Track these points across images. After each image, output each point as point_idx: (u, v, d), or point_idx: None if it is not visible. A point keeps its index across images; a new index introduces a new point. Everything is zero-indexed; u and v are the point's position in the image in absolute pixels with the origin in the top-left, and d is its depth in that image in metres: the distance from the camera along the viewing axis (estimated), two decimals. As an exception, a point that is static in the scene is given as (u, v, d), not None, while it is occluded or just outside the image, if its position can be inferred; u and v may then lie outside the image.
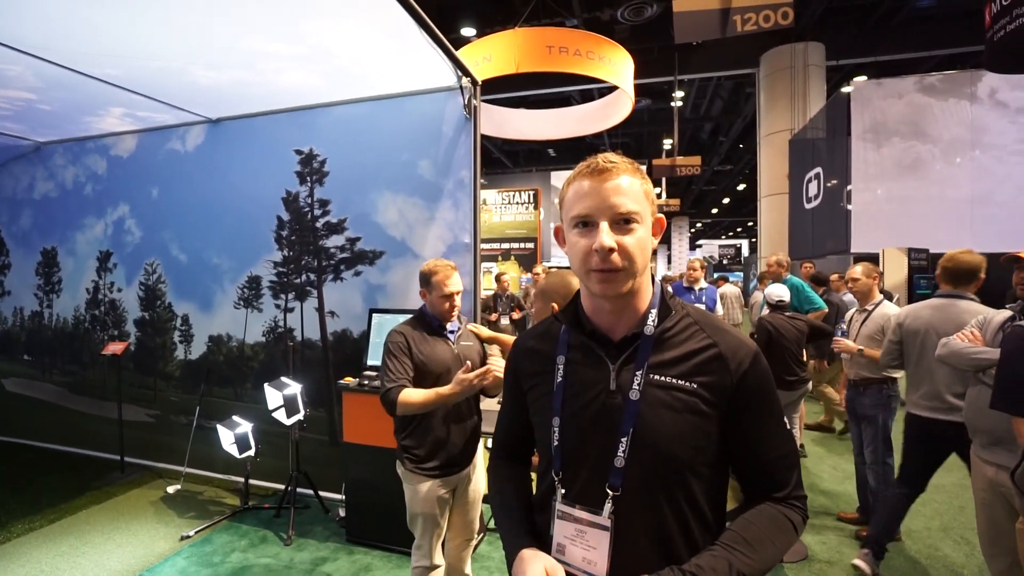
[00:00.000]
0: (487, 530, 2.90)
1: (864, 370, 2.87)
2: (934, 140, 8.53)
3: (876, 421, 2.82)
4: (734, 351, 0.80)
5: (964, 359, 1.97)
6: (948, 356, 2.05)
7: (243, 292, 3.56)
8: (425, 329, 1.94)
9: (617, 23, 9.77)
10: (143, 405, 3.93)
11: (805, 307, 4.22)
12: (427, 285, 1.93)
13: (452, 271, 1.92)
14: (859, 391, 2.91)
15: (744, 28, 5.32)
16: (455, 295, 1.91)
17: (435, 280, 1.89)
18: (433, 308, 1.94)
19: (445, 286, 1.88)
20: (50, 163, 4.22)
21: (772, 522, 0.78)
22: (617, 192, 0.77)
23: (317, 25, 2.38)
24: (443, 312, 1.92)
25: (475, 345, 2.05)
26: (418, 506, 1.88)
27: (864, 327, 2.92)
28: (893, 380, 2.85)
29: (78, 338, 4.19)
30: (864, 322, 2.94)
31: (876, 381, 2.84)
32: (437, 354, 1.90)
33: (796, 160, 10.71)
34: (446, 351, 1.93)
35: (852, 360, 2.93)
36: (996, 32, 4.31)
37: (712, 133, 17.01)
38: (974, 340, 2.02)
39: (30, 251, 4.34)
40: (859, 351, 2.82)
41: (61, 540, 2.85)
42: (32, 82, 2.94)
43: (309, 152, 3.35)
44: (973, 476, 2.04)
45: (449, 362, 1.91)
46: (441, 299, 1.90)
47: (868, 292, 2.98)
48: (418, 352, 1.87)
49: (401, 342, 1.87)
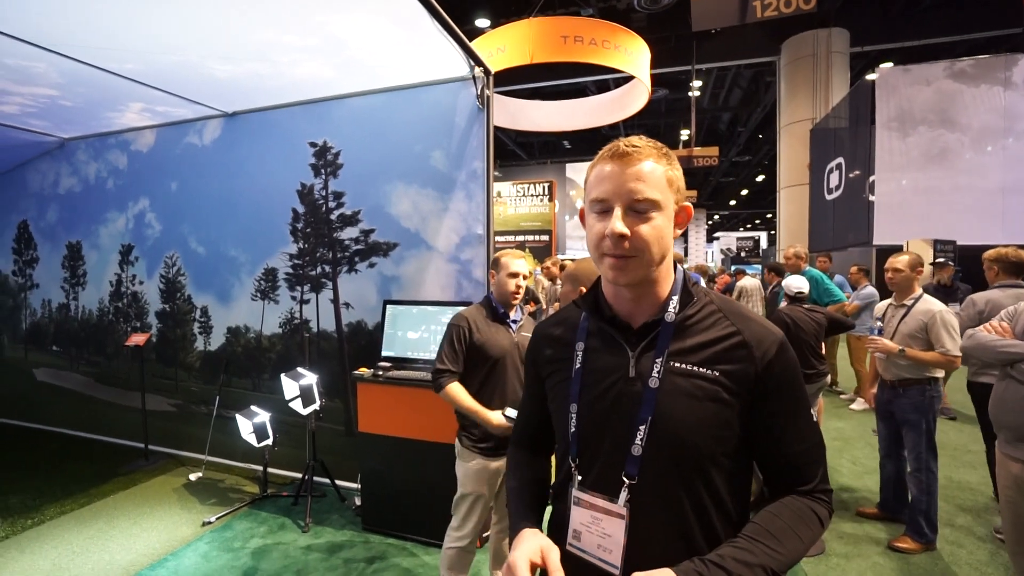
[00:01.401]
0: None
1: (905, 371, 2.64)
2: (963, 128, 8.23)
3: (919, 426, 2.61)
4: (759, 339, 0.77)
5: (992, 352, 1.90)
6: (974, 348, 1.98)
7: (260, 284, 3.61)
8: (489, 314, 2.06)
9: (634, 11, 9.61)
10: (165, 395, 4.03)
11: (824, 299, 4.14)
12: (496, 266, 2.07)
13: (520, 256, 2.08)
14: (897, 393, 2.68)
15: (764, 14, 5.19)
16: (520, 275, 2.03)
17: (503, 260, 2.05)
18: (500, 288, 2.04)
19: (512, 264, 2.03)
20: (74, 159, 4.32)
21: (798, 515, 0.76)
22: (636, 178, 0.75)
23: (330, 16, 2.38)
24: (509, 293, 2.03)
25: None
26: (470, 484, 1.97)
27: (903, 324, 2.66)
28: (935, 380, 2.63)
29: (103, 329, 4.31)
30: (903, 318, 2.68)
31: (918, 382, 2.61)
32: (496, 339, 2.00)
33: (817, 150, 10.45)
34: (506, 338, 2.03)
35: (889, 360, 2.70)
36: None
37: (730, 123, 16.70)
38: (1003, 333, 1.94)
39: (56, 245, 4.46)
40: (900, 351, 2.57)
41: (91, 523, 2.95)
42: (55, 79, 3.01)
43: (323, 144, 3.37)
44: (998, 473, 1.97)
45: (507, 348, 2.01)
46: (508, 277, 2.02)
47: (909, 286, 2.72)
48: (478, 334, 1.98)
49: (463, 327, 1.98)
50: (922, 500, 2.62)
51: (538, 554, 0.74)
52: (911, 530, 2.67)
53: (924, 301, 2.66)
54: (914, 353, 2.56)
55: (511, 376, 1.99)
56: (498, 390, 1.97)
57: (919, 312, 2.63)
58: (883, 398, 2.81)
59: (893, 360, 2.67)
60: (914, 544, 2.63)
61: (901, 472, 2.85)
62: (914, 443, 2.65)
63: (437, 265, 3.08)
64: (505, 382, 1.98)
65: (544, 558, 0.74)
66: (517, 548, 0.76)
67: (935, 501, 2.64)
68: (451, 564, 1.98)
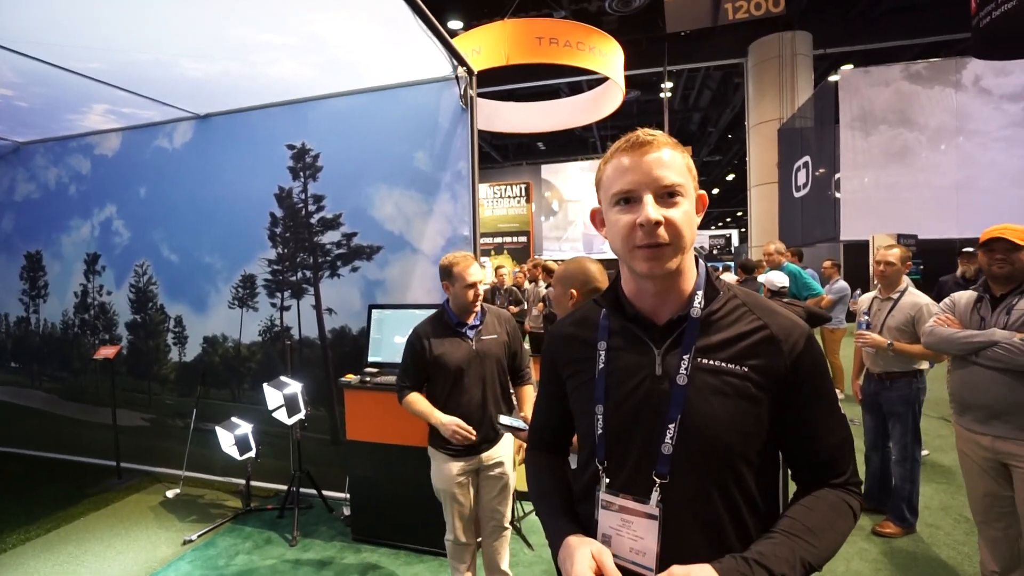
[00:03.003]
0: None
1: (893, 364, 2.66)
2: (920, 127, 8.63)
3: (906, 417, 2.66)
4: (787, 333, 0.77)
5: (957, 344, 1.96)
6: (940, 343, 2.04)
7: (237, 291, 3.49)
8: (442, 328, 2.01)
9: (605, 14, 9.74)
10: (138, 409, 3.85)
11: (803, 293, 4.26)
12: (449, 277, 1.97)
13: (472, 260, 1.98)
14: (885, 385, 2.72)
15: (736, 16, 5.33)
16: (478, 284, 1.96)
17: (456, 271, 1.94)
18: (457, 300, 1.98)
19: (468, 275, 1.94)
20: (31, 164, 4.09)
21: (833, 509, 0.75)
22: (660, 165, 0.74)
23: (309, 15, 2.32)
24: (467, 303, 1.97)
25: (499, 338, 2.07)
26: (438, 481, 2.03)
27: (891, 317, 2.66)
28: (921, 372, 2.67)
29: (67, 343, 4.08)
30: (891, 311, 2.68)
31: (905, 375, 2.65)
32: (452, 353, 1.96)
33: (785, 149, 10.78)
34: (461, 349, 1.98)
35: (877, 354, 2.71)
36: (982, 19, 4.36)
37: (701, 124, 17.08)
38: (952, 324, 2.02)
39: (13, 255, 4.21)
40: (889, 346, 2.59)
41: (59, 549, 2.78)
42: (10, 78, 2.84)
43: (302, 146, 3.28)
44: (964, 449, 2.04)
45: (464, 361, 1.96)
46: (465, 289, 1.94)
47: (898, 279, 2.72)
48: (432, 350, 1.96)
49: (416, 345, 1.99)
50: (905, 487, 2.70)
51: (593, 563, 0.73)
52: (894, 515, 2.75)
53: (910, 294, 2.67)
54: (903, 347, 2.57)
55: (472, 386, 1.98)
56: (463, 399, 1.96)
57: (906, 305, 2.63)
58: (870, 390, 2.84)
59: (881, 354, 2.70)
60: (896, 528, 2.73)
61: (886, 463, 2.91)
62: (901, 434, 2.69)
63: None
64: (464, 392, 1.97)
65: (599, 563, 0.72)
66: (573, 562, 0.73)
67: (917, 488, 2.73)
68: (450, 554, 2.09)
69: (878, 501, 2.95)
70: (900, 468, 2.72)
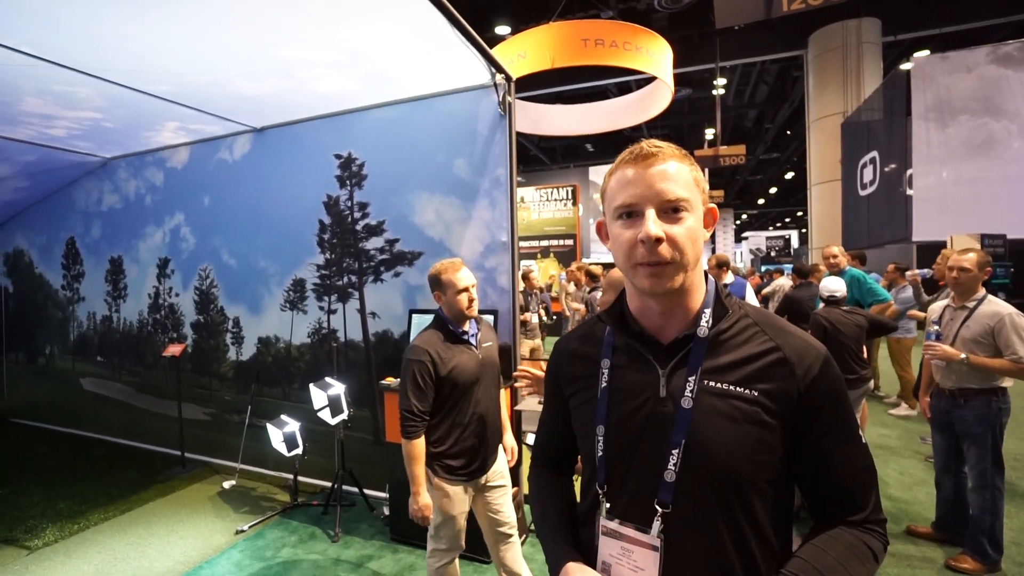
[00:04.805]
0: (528, 531, 2.86)
1: (968, 380, 2.41)
2: (1010, 116, 7.79)
3: (984, 440, 2.39)
4: (800, 355, 0.72)
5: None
6: None
7: (288, 295, 3.68)
8: (447, 337, 1.90)
9: (654, 11, 9.50)
10: (200, 404, 4.15)
11: (868, 300, 3.95)
12: (439, 287, 1.90)
13: (461, 265, 1.91)
14: (958, 403, 2.46)
15: (791, 7, 5.03)
16: (470, 288, 1.88)
17: (445, 278, 1.87)
18: (451, 308, 1.89)
19: (458, 280, 1.86)
20: (115, 177, 4.51)
21: (849, 550, 0.69)
22: (664, 178, 0.71)
23: (351, 30, 2.41)
24: (462, 310, 1.88)
25: (494, 345, 2.06)
26: (451, 508, 1.94)
27: (965, 328, 2.42)
28: (1003, 390, 2.40)
29: (142, 340, 4.47)
30: (965, 322, 2.43)
31: (983, 392, 2.39)
32: (463, 365, 1.88)
33: (849, 145, 10.08)
34: (471, 360, 1.91)
35: (949, 368, 2.47)
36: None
37: (757, 120, 16.29)
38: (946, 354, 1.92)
39: (100, 260, 4.66)
40: (964, 359, 2.35)
41: (131, 530, 3.04)
42: (98, 102, 3.14)
43: (348, 156, 3.42)
44: None
45: (475, 373, 1.90)
46: (457, 295, 1.86)
47: (974, 286, 2.45)
48: (443, 365, 1.84)
49: (426, 362, 1.81)
50: (985, 519, 2.41)
51: None
52: (972, 550, 2.47)
53: (989, 303, 2.41)
54: (980, 360, 2.33)
55: (484, 397, 1.93)
56: (477, 411, 1.91)
57: (984, 315, 2.38)
58: (940, 407, 2.58)
59: (953, 367, 2.45)
60: (975, 564, 2.44)
61: (960, 489, 2.62)
62: (978, 458, 2.42)
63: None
64: (476, 403, 1.91)
65: None
66: None
67: (1000, 519, 2.43)
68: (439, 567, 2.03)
69: (952, 531, 2.67)
70: (978, 497, 2.43)
